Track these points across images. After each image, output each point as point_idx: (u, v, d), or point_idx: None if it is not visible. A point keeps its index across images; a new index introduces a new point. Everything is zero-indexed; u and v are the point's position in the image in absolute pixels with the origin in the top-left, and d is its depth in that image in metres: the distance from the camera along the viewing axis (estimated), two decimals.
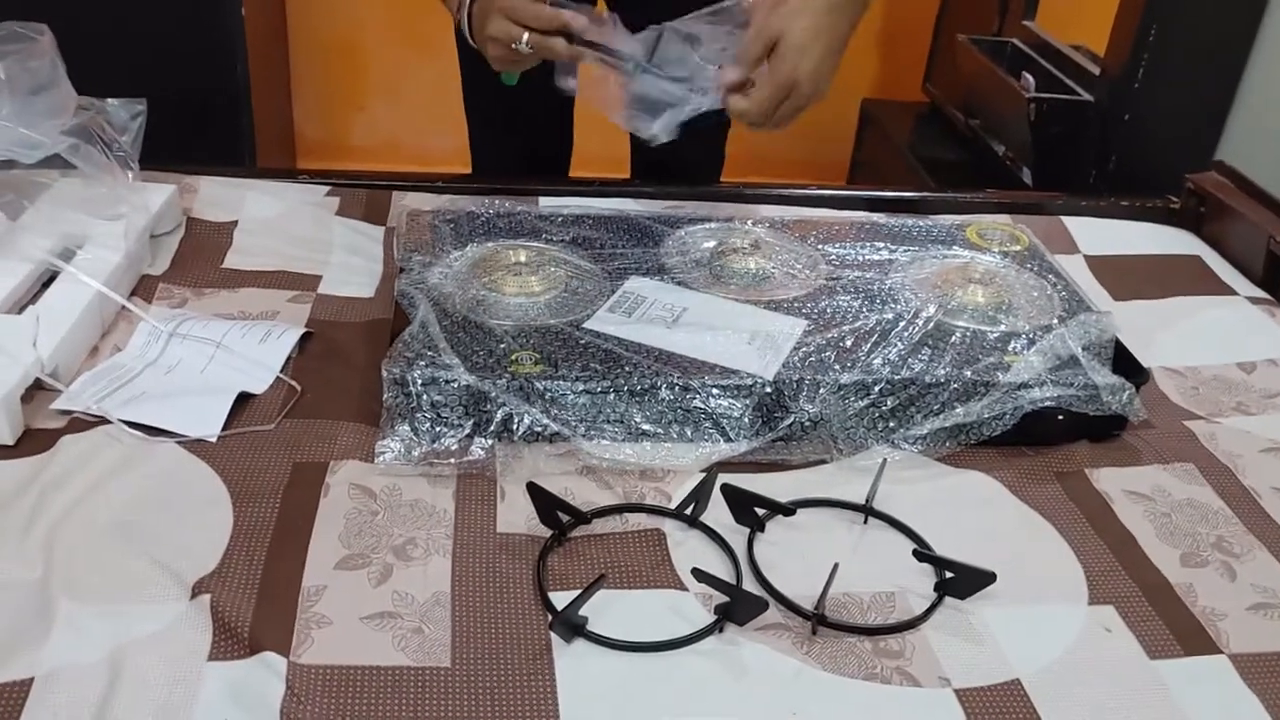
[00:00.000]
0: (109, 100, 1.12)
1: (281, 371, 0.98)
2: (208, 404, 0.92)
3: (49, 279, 1.03)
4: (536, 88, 1.11)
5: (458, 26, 1.10)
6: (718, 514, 0.86)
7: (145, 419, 0.90)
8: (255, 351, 0.99)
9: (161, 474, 0.86)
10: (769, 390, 0.93)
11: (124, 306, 1.03)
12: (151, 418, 0.90)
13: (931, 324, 1.02)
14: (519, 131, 1.48)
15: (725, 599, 0.76)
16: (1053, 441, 0.98)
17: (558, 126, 1.52)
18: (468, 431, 0.90)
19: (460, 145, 1.56)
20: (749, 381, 0.93)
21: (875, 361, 0.96)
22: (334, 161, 2.72)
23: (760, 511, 0.85)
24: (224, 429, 0.90)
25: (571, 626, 0.74)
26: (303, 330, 1.04)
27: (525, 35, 1.01)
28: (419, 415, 0.90)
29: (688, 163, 1.47)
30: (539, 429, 0.90)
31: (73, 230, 1.08)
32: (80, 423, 0.90)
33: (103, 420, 0.90)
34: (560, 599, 0.76)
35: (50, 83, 1.06)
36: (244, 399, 0.94)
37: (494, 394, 0.89)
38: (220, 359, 0.98)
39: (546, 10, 1.01)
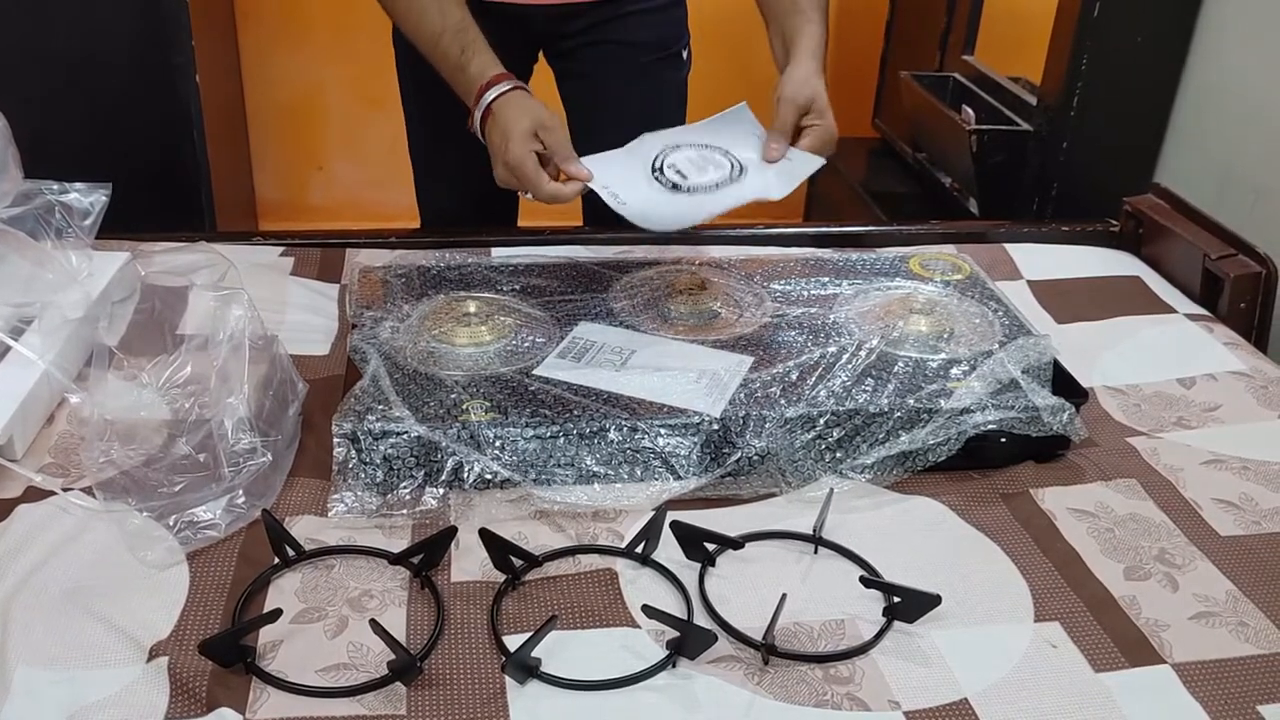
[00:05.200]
0: (74, 185, 1.12)
1: None
2: None
3: (3, 352, 1.04)
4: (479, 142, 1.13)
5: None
6: (669, 551, 0.87)
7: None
8: None
9: (118, 539, 0.87)
10: (716, 427, 0.95)
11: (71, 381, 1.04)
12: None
13: (875, 355, 1.04)
14: (464, 181, 1.50)
15: (676, 634, 0.77)
16: (999, 464, 1.01)
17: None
18: (420, 482, 0.91)
19: None
20: (696, 419, 0.95)
21: (820, 394, 0.98)
22: (295, 222, 2.73)
23: (710, 546, 0.87)
24: None
25: (524, 668, 0.75)
26: None
27: (528, 195, 1.08)
28: (370, 468, 0.91)
29: None
30: (490, 476, 0.91)
31: (26, 302, 1.09)
32: (36, 492, 0.91)
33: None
34: (514, 642, 0.77)
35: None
36: None
37: (444, 443, 0.91)
38: None
39: (546, 186, 1.06)
